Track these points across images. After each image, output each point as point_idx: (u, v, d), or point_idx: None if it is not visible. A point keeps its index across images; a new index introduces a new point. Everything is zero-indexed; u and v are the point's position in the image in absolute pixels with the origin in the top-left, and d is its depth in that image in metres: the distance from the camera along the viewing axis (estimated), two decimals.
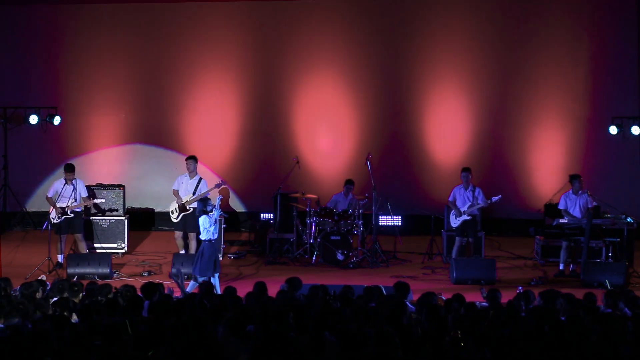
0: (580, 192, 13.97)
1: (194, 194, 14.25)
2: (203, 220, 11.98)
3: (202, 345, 7.12)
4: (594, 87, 17.15)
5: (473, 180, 14.77)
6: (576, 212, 13.94)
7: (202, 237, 12.04)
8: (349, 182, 15.30)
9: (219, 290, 11.20)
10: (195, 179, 14.41)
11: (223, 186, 14.84)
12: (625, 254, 13.90)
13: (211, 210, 11.96)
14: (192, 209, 14.20)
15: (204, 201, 12.15)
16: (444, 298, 10.10)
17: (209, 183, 14.61)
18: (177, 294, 11.19)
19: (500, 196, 14.16)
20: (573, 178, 14.10)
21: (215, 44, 17.62)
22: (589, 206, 13.92)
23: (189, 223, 14.22)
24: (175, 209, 14.33)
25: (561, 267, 13.97)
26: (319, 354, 7.21)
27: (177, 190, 14.41)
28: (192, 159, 14.57)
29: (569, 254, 13.91)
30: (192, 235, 14.25)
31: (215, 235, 12.01)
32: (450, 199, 14.47)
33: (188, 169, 14.48)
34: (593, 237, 13.79)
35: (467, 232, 14.23)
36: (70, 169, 14.07)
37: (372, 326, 7.91)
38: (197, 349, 7.03)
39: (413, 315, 9.07)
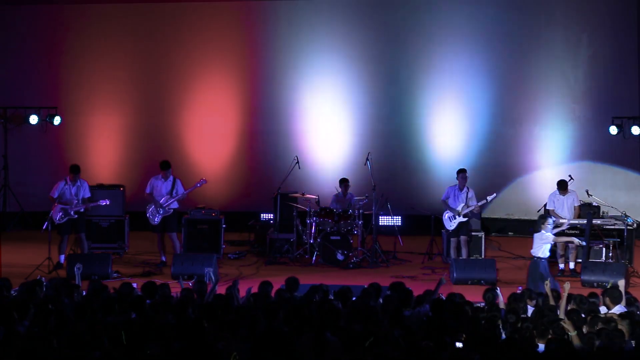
0: (569, 191, 14.06)
1: (170, 195, 14.20)
2: (536, 237, 11.85)
3: (197, 345, 7.12)
4: (594, 87, 17.15)
5: (474, 180, 14.77)
6: (564, 211, 14.00)
7: (533, 252, 11.88)
8: (344, 181, 15.25)
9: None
10: (170, 180, 14.32)
11: (204, 183, 14.63)
12: (625, 254, 13.90)
13: (547, 228, 11.79)
14: (172, 210, 14.17)
15: (542, 218, 11.98)
16: (443, 297, 10.08)
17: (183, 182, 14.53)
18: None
19: (495, 195, 14.17)
20: (559, 186, 14.16)
21: (215, 44, 17.62)
22: (576, 204, 13.98)
23: (169, 224, 14.20)
24: (153, 211, 14.24)
25: (561, 266, 13.99)
26: (320, 354, 7.21)
27: (151, 193, 14.31)
28: (169, 167, 14.34)
29: (565, 252, 13.95)
30: (172, 236, 14.22)
31: (543, 254, 11.75)
32: (444, 197, 14.44)
33: (165, 175, 14.31)
34: (593, 237, 13.80)
35: (462, 232, 14.21)
36: (73, 171, 14.05)
37: (373, 326, 7.92)
38: (192, 349, 7.04)
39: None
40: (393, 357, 7.18)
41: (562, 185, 14.15)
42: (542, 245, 11.77)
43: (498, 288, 10.33)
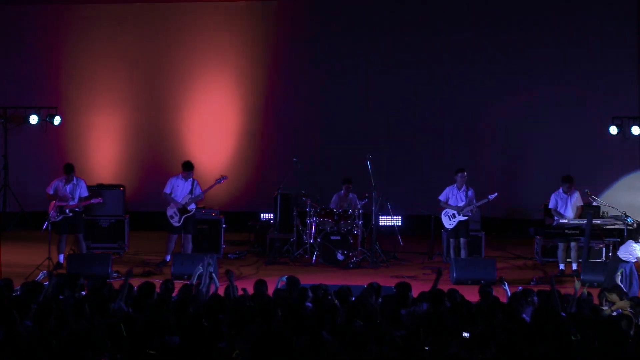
0: (570, 191, 14.05)
1: (191, 194, 14.16)
2: (628, 243, 11.92)
3: (198, 343, 7.13)
4: (594, 87, 17.16)
5: (473, 180, 14.78)
6: (568, 210, 14.00)
7: (620, 252, 11.95)
8: (347, 181, 15.24)
9: None
10: (190, 181, 14.29)
11: (225, 180, 14.58)
12: None
13: None
14: (192, 211, 14.14)
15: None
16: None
17: (207, 183, 14.49)
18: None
19: (496, 194, 14.15)
20: (565, 181, 14.13)
21: (216, 44, 17.65)
22: (579, 204, 13.98)
23: (189, 225, 14.16)
24: (175, 212, 14.19)
25: (561, 267, 14.00)
26: (317, 354, 7.21)
27: (170, 194, 14.27)
28: (192, 168, 14.32)
29: (568, 253, 13.95)
30: (188, 238, 14.18)
31: (624, 258, 11.79)
32: (442, 198, 14.42)
33: (186, 175, 14.30)
34: (593, 237, 13.81)
35: (460, 233, 14.21)
36: (67, 170, 14.03)
37: (371, 325, 7.91)
38: (193, 347, 7.04)
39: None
40: (392, 357, 7.18)
41: (568, 179, 14.10)
42: (626, 254, 11.87)
43: (505, 283, 10.34)
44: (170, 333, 7.56)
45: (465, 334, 7.60)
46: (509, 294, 9.92)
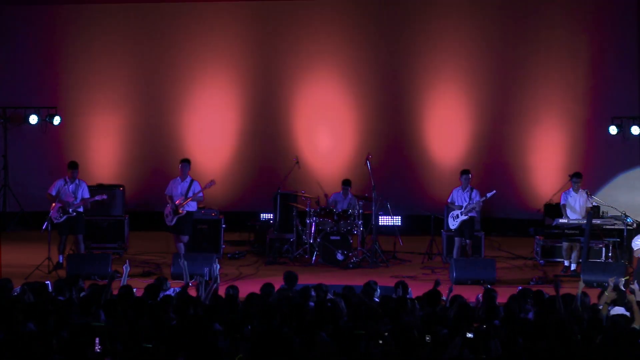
0: (580, 190, 14.02)
1: (185, 196, 14.12)
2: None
3: (200, 344, 7.14)
4: (594, 87, 17.15)
5: (473, 180, 14.79)
6: (576, 209, 13.95)
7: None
8: (345, 183, 15.25)
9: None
10: (187, 181, 14.22)
11: (213, 184, 14.50)
12: (625, 254, 13.91)
13: None
14: (185, 212, 14.09)
15: None
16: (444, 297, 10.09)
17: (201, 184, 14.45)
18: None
19: (494, 191, 14.14)
20: (574, 176, 14.12)
21: (215, 44, 17.63)
22: (589, 205, 13.96)
23: (182, 226, 14.11)
24: (169, 212, 14.18)
25: (566, 263, 13.97)
26: (315, 354, 7.21)
27: (171, 195, 14.23)
28: (187, 162, 14.35)
29: (571, 252, 13.93)
30: (183, 239, 14.15)
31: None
32: (450, 200, 14.47)
33: (182, 172, 14.30)
34: (593, 237, 13.81)
35: (464, 233, 14.22)
36: (72, 167, 14.04)
37: (370, 325, 7.92)
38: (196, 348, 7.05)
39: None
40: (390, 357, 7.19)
41: (577, 174, 14.10)
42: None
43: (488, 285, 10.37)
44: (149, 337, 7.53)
45: (469, 335, 7.61)
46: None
